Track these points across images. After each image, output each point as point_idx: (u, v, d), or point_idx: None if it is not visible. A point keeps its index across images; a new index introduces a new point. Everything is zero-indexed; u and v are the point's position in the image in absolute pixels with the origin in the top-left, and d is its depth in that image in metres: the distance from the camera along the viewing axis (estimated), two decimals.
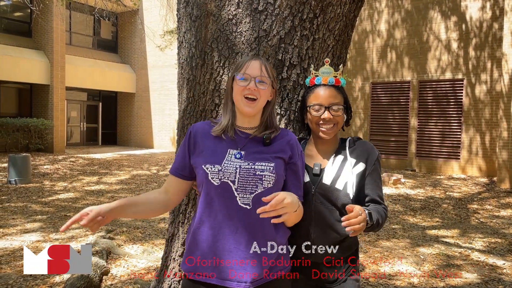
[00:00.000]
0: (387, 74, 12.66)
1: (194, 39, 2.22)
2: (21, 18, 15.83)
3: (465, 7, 11.41)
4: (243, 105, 1.58)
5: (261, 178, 1.51)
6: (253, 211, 1.47)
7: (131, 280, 3.71)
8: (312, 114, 1.71)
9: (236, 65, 1.64)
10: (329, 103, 1.69)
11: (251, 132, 1.62)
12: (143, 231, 5.43)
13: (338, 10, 2.16)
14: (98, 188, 8.70)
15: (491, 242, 5.27)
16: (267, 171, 1.53)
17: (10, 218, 5.99)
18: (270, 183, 1.52)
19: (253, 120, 1.64)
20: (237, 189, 1.51)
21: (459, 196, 8.50)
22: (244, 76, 1.58)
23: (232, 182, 1.51)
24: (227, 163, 1.54)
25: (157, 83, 18.27)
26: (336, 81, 1.75)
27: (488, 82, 11.09)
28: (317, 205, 1.67)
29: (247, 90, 1.56)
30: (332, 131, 1.70)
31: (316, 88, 1.75)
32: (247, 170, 1.52)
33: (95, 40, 18.61)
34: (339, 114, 1.70)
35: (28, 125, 13.78)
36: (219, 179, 1.52)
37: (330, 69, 1.75)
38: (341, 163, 1.71)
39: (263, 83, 1.58)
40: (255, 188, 1.51)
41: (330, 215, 1.67)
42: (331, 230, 1.67)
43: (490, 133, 11.10)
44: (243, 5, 2.08)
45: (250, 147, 1.59)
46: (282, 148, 1.60)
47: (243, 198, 1.51)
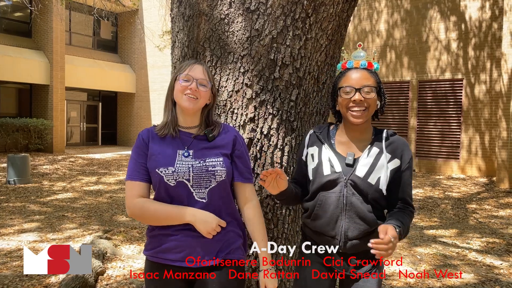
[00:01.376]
0: (386, 74, 12.65)
1: (187, 39, 2.22)
2: (21, 19, 15.83)
3: (464, 7, 11.40)
4: (183, 101, 1.66)
5: (213, 173, 1.63)
6: (209, 203, 1.63)
7: (127, 280, 3.71)
8: (342, 97, 1.64)
9: (179, 67, 1.73)
10: (360, 85, 1.61)
11: (193, 132, 1.72)
12: (140, 231, 5.43)
13: (331, 9, 2.15)
14: (97, 188, 8.70)
15: (489, 242, 5.26)
16: (218, 166, 1.64)
17: (8, 218, 5.99)
18: (222, 177, 1.64)
19: (194, 119, 1.72)
20: (192, 186, 1.62)
21: (458, 196, 8.49)
22: (187, 77, 1.67)
23: (187, 181, 1.62)
24: (179, 164, 1.63)
25: (157, 83, 18.27)
26: (368, 64, 1.68)
27: (488, 82, 11.08)
28: (349, 196, 1.62)
29: (188, 90, 1.65)
30: (364, 114, 1.61)
31: (347, 72, 1.68)
32: (199, 168, 1.62)
33: (94, 40, 18.62)
34: (371, 96, 1.61)
35: (27, 125, 13.79)
36: (175, 179, 1.61)
37: (363, 53, 1.70)
38: (376, 156, 1.64)
39: (204, 86, 1.68)
40: (209, 183, 1.63)
41: (362, 206, 1.62)
42: (362, 221, 1.62)
43: (490, 133, 11.08)
44: (235, 5, 2.07)
45: (196, 145, 1.69)
46: (224, 144, 1.70)
47: (199, 193, 1.63)
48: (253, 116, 2.07)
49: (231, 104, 2.09)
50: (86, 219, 6.06)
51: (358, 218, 1.62)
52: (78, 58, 16.78)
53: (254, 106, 2.08)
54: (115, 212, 6.59)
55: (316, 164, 1.69)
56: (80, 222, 5.91)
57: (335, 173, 1.63)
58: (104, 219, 6.12)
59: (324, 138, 1.71)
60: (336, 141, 1.72)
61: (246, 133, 2.08)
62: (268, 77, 2.08)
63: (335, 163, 1.65)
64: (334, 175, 1.63)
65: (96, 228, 5.54)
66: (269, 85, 2.08)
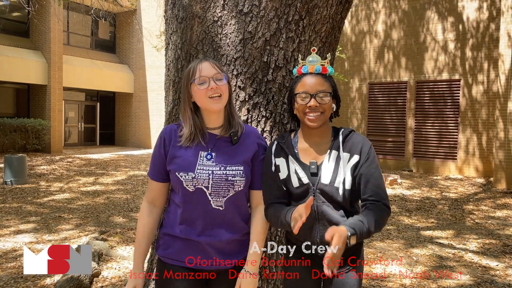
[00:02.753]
0: (384, 75, 12.66)
1: (180, 41, 2.22)
2: (18, 19, 15.80)
3: (462, 8, 11.41)
4: (211, 104, 1.62)
5: (232, 183, 1.62)
6: (225, 212, 1.64)
7: (122, 282, 3.70)
8: (299, 103, 1.68)
9: (187, 73, 1.67)
10: (315, 90, 1.66)
11: (217, 132, 1.69)
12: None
13: (325, 12, 2.15)
14: (94, 188, 8.69)
15: (485, 243, 5.27)
16: (238, 176, 1.62)
17: (4, 219, 5.98)
18: (241, 186, 1.64)
19: (219, 118, 1.70)
20: (211, 194, 1.61)
21: (455, 197, 8.50)
22: (201, 79, 1.62)
23: (206, 188, 1.61)
24: (200, 169, 1.61)
25: (155, 83, 18.25)
26: (323, 69, 1.71)
27: (485, 82, 11.09)
28: (320, 205, 1.65)
29: (210, 91, 1.61)
30: (319, 119, 1.66)
31: (303, 77, 1.72)
32: (219, 176, 1.60)
33: (92, 40, 18.59)
34: (325, 101, 1.66)
35: (25, 126, 13.76)
36: (194, 185, 1.60)
37: (317, 58, 1.73)
38: (336, 159, 1.66)
39: (220, 80, 1.65)
40: (227, 192, 1.63)
41: (333, 213, 1.64)
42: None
43: (487, 133, 11.09)
44: (228, 7, 2.07)
45: (219, 147, 1.67)
46: (247, 149, 1.69)
47: (217, 201, 1.62)
48: (246, 119, 2.07)
49: None
50: (82, 220, 6.05)
51: (331, 225, 1.62)
52: (76, 58, 16.76)
53: (247, 109, 2.07)
54: (112, 213, 6.58)
55: (285, 176, 1.71)
56: (77, 223, 5.90)
57: (303, 185, 1.66)
58: (100, 220, 6.11)
59: (288, 148, 1.72)
60: (298, 149, 1.74)
61: None
62: (261, 79, 2.08)
63: (302, 174, 1.67)
64: (303, 187, 1.66)
65: (92, 229, 5.53)
66: (262, 87, 2.08)
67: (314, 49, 1.79)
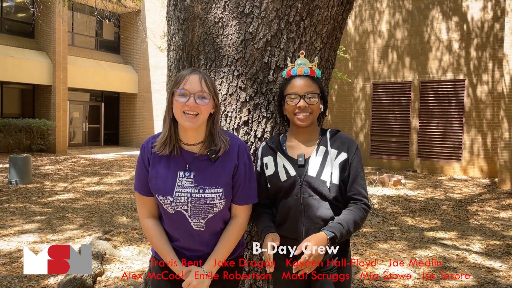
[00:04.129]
0: (388, 75, 12.62)
1: (181, 42, 2.23)
2: (23, 19, 15.90)
3: (466, 8, 11.36)
4: (183, 120, 1.55)
5: (212, 206, 1.59)
6: (206, 231, 1.63)
7: (125, 282, 3.71)
8: (288, 104, 1.76)
9: (175, 79, 1.60)
10: (304, 92, 1.74)
11: (196, 150, 1.61)
12: (140, 232, 5.44)
13: (326, 12, 2.15)
14: (98, 189, 8.73)
15: (489, 244, 5.24)
16: (217, 198, 1.59)
17: (9, 219, 6.02)
18: (220, 207, 1.61)
19: (197, 135, 1.61)
20: (190, 216, 1.60)
21: (459, 197, 8.45)
22: (183, 91, 1.55)
23: (185, 211, 1.59)
24: (179, 192, 1.58)
25: (159, 84, 18.30)
26: (311, 71, 1.80)
27: (490, 82, 11.03)
28: (306, 198, 1.69)
29: (186, 107, 1.53)
30: (308, 118, 1.74)
31: (292, 79, 1.80)
32: (198, 199, 1.57)
33: (97, 41, 18.67)
34: (313, 102, 1.74)
35: (30, 126, 13.84)
36: (173, 209, 1.59)
37: (305, 61, 1.81)
38: (324, 154, 1.73)
39: (203, 98, 1.55)
40: (207, 214, 1.60)
41: (319, 207, 1.69)
42: (321, 221, 1.69)
43: (492, 134, 11.03)
44: (229, 8, 2.08)
45: (198, 166, 1.60)
46: (226, 168, 1.61)
47: (197, 223, 1.61)
48: (247, 120, 2.08)
49: (225, 107, 2.10)
50: (86, 220, 6.08)
51: (317, 217, 1.69)
52: (81, 59, 16.83)
53: (248, 109, 2.08)
54: (116, 213, 6.61)
55: (272, 172, 1.76)
56: (81, 223, 5.92)
57: (290, 178, 1.71)
58: (104, 220, 6.14)
59: (277, 147, 1.79)
60: (287, 146, 1.82)
61: (240, 136, 2.08)
62: (262, 80, 2.08)
63: (289, 168, 1.73)
64: (290, 179, 1.71)
65: (96, 229, 5.55)
66: (263, 88, 2.09)
67: (303, 53, 1.87)
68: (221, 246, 1.64)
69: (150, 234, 1.66)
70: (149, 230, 1.67)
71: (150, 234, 1.66)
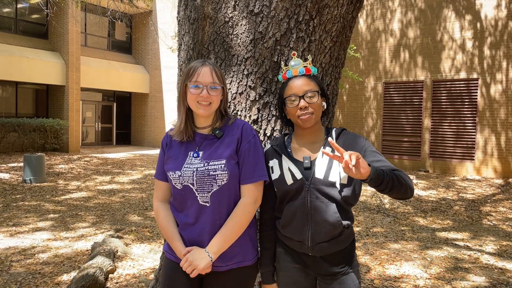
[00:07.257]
0: (400, 74, 12.52)
1: (192, 42, 2.25)
2: (37, 21, 16.13)
3: (479, 6, 11.21)
4: (198, 109, 1.68)
5: (214, 178, 1.64)
6: (211, 208, 1.65)
7: (136, 279, 3.76)
8: (289, 106, 1.73)
9: (187, 71, 1.69)
10: (302, 91, 1.71)
11: (206, 132, 1.74)
12: (151, 230, 5.49)
13: (335, 11, 2.15)
14: (110, 187, 8.83)
15: (502, 245, 5.17)
16: (219, 170, 1.64)
17: (23, 217, 6.13)
18: (224, 180, 1.64)
19: (207, 120, 1.74)
20: (197, 190, 1.65)
21: (472, 198, 8.35)
22: (196, 83, 1.66)
23: (192, 185, 1.65)
24: (186, 167, 1.67)
25: (170, 84, 18.42)
26: (306, 70, 1.77)
27: (504, 81, 10.88)
28: (313, 201, 1.65)
29: (200, 98, 1.66)
30: (311, 118, 1.70)
31: (289, 81, 1.78)
32: (202, 172, 1.65)
33: (109, 42, 18.86)
34: (314, 101, 1.70)
35: (44, 125, 14.05)
36: (181, 183, 1.67)
37: (299, 61, 1.80)
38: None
39: (215, 89, 1.67)
40: (211, 187, 1.65)
41: (327, 210, 1.64)
42: (328, 224, 1.64)
43: (506, 133, 10.88)
44: (239, 8, 2.09)
45: (206, 145, 1.72)
46: (230, 142, 1.69)
47: (203, 197, 1.66)
48: (256, 118, 2.09)
49: (234, 106, 2.11)
50: (98, 218, 6.16)
51: (323, 221, 1.64)
52: (93, 59, 17.03)
53: (257, 108, 2.09)
54: (128, 211, 6.68)
55: (278, 175, 1.71)
56: (93, 221, 6.00)
57: (297, 181, 1.67)
58: (116, 218, 6.21)
59: (281, 149, 1.76)
60: (292, 148, 1.78)
61: None
62: (272, 79, 2.09)
63: (295, 171, 1.68)
64: (297, 182, 1.67)
65: (108, 227, 5.62)
66: (273, 87, 2.10)
67: (294, 54, 1.85)
68: (224, 226, 1.64)
69: (158, 214, 1.76)
70: (158, 211, 1.77)
71: (158, 214, 1.76)
